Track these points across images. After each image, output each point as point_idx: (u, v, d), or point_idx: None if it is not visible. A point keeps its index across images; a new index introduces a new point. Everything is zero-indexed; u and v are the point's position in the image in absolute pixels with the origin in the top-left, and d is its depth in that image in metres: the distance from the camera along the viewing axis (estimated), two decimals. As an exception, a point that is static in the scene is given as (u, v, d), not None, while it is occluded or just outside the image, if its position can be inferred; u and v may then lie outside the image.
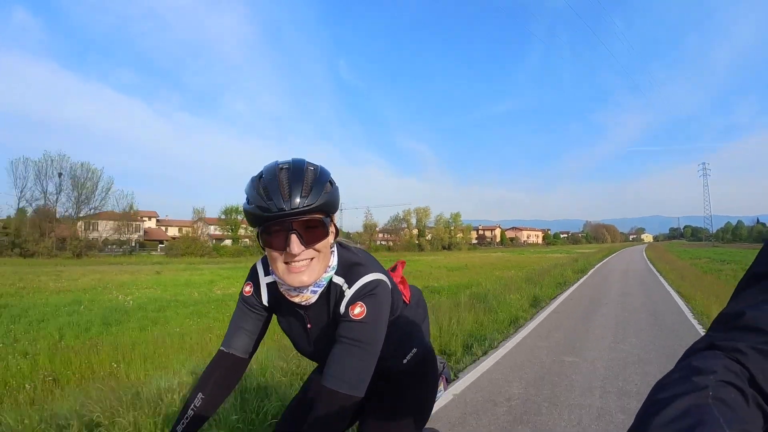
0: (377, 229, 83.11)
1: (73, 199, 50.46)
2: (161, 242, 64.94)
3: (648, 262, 29.38)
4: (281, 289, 1.30)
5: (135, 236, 60.84)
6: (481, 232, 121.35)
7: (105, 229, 54.63)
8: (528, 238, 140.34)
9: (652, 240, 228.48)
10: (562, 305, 10.05)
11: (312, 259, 1.19)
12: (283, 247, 1.15)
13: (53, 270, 27.00)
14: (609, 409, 3.81)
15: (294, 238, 1.14)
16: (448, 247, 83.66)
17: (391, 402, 1.59)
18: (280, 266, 1.19)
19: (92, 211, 52.24)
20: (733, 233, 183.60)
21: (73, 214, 50.08)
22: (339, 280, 1.27)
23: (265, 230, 1.16)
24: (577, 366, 5.10)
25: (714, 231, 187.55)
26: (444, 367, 1.97)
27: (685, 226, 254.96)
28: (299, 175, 1.14)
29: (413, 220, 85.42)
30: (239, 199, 1.24)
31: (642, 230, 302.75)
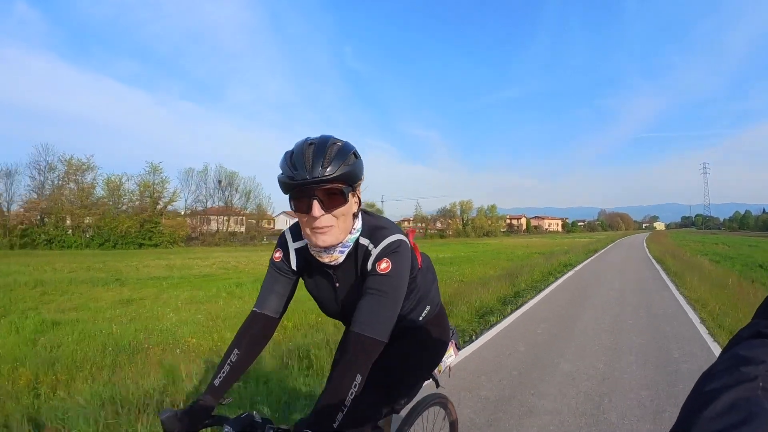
0: (429, 218, 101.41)
1: (225, 199, 67.70)
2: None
3: (644, 240, 56.30)
4: (312, 251, 1.53)
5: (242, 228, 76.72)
6: (509, 220, 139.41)
7: (244, 224, 71.09)
8: (549, 226, 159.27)
9: (663, 228, 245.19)
10: (613, 246, 38.75)
11: (332, 225, 1.40)
12: (307, 211, 1.37)
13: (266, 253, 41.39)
14: (631, 245, 31.63)
15: (315, 203, 1.35)
16: (487, 234, 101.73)
17: (399, 350, 1.83)
18: (307, 229, 1.43)
19: (241, 207, 70.28)
20: (740, 222, 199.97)
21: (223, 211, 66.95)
22: (365, 241, 1.51)
23: (293, 196, 1.39)
24: (622, 248, 34.02)
25: (723, 219, 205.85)
26: (453, 334, 2.18)
27: (697, 215, 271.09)
28: (322, 149, 1.35)
29: (458, 211, 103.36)
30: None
31: (655, 218, 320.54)
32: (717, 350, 6.02)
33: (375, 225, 1.53)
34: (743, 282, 13.05)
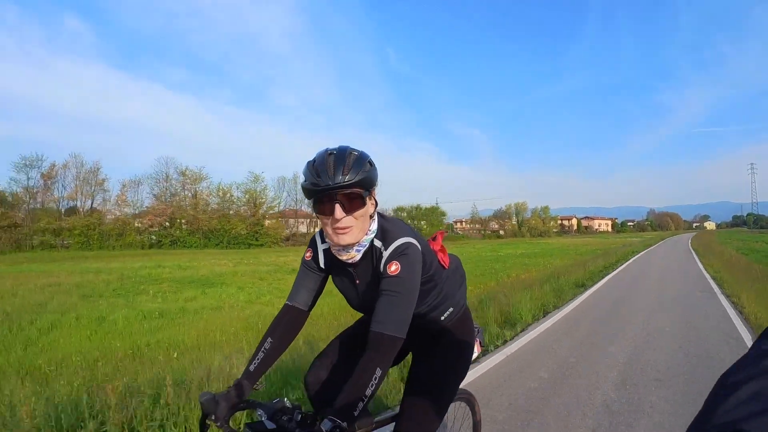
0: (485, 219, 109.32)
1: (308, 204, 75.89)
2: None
3: (689, 238, 65.31)
4: (332, 250, 1.69)
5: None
6: (560, 221, 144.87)
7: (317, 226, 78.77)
8: (599, 226, 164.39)
9: (714, 227, 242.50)
10: (663, 242, 49.12)
11: (352, 226, 1.56)
12: (330, 213, 1.52)
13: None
14: (678, 241, 43.20)
15: (337, 206, 1.51)
16: (541, 235, 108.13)
17: (433, 361, 1.97)
18: (329, 230, 1.58)
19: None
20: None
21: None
22: (378, 243, 1.66)
23: (316, 201, 1.55)
24: (670, 243, 44.67)
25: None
26: (479, 332, 2.28)
27: (748, 214, 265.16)
28: (342, 158, 1.52)
29: (513, 213, 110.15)
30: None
31: (706, 218, 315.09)
32: (704, 269, 17.48)
33: (387, 228, 1.69)
34: (752, 265, 17.92)
